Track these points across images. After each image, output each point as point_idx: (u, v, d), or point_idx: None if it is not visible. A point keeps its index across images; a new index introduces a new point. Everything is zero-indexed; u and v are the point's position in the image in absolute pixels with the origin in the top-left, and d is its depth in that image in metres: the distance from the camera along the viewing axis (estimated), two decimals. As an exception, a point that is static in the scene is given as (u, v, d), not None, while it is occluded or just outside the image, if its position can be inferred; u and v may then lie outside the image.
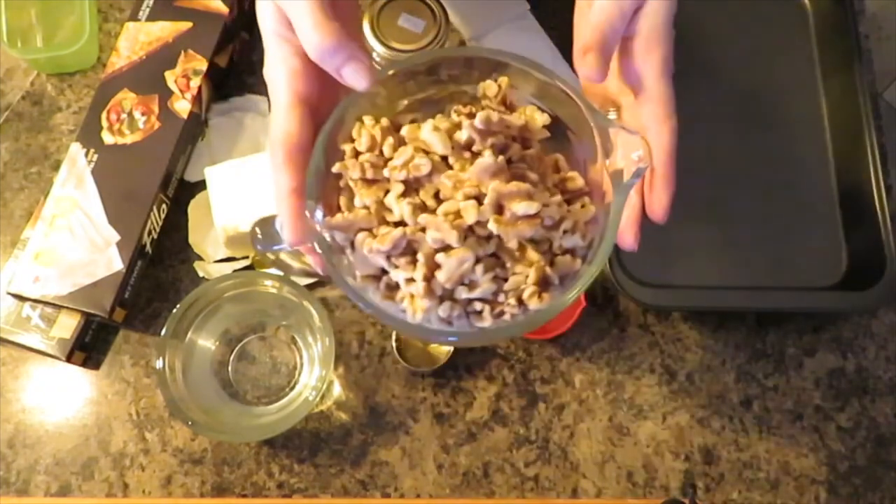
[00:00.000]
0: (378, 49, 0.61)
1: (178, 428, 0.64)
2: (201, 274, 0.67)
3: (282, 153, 0.41)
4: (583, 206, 0.42)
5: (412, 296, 0.40)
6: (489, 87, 0.42)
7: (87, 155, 0.64)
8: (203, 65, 0.67)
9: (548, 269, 0.40)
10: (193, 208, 0.68)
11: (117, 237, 0.62)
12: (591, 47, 0.41)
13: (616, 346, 0.67)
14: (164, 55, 0.67)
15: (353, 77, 0.40)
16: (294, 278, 0.60)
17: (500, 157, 0.39)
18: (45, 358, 0.63)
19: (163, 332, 0.59)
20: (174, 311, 0.60)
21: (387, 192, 0.41)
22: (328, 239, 0.41)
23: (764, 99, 0.74)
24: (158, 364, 0.59)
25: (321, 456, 0.63)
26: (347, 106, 0.42)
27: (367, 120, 0.42)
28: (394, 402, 0.65)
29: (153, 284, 0.67)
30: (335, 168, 0.41)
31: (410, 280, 0.39)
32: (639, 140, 0.40)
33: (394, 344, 0.64)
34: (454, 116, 0.41)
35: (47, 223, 0.63)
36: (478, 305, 0.40)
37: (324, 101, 0.43)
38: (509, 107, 0.43)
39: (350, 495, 0.63)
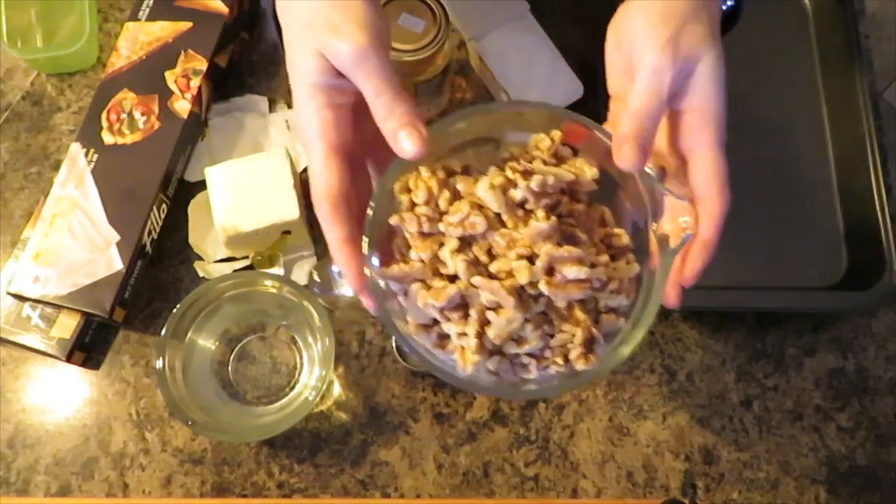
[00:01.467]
0: (378, 49, 0.61)
1: (178, 428, 0.64)
2: (201, 274, 0.67)
3: (327, 206, 0.41)
4: (627, 263, 0.43)
5: (463, 349, 0.41)
6: (542, 140, 0.43)
7: (87, 155, 0.64)
8: (203, 65, 0.67)
9: (594, 330, 0.41)
10: (193, 208, 0.68)
11: (117, 237, 0.62)
12: (627, 139, 0.40)
13: (616, 346, 0.67)
14: (164, 55, 0.67)
15: (406, 142, 0.40)
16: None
17: (553, 219, 0.40)
18: (45, 358, 0.63)
19: (163, 331, 0.59)
20: (174, 311, 0.60)
21: (441, 244, 0.42)
22: (382, 285, 0.42)
23: (764, 99, 0.74)
24: (158, 364, 0.59)
25: (321, 456, 0.63)
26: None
27: (424, 171, 0.42)
28: (394, 402, 0.65)
29: (153, 284, 0.67)
30: (392, 220, 0.42)
31: (462, 334, 0.41)
32: (687, 206, 0.41)
33: (394, 344, 0.64)
34: (508, 172, 0.42)
35: (47, 223, 0.63)
36: (525, 359, 0.42)
37: (356, 144, 0.43)
38: (559, 159, 0.43)
39: (350, 495, 0.63)
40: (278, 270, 0.65)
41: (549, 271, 0.40)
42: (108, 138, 0.65)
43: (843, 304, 0.66)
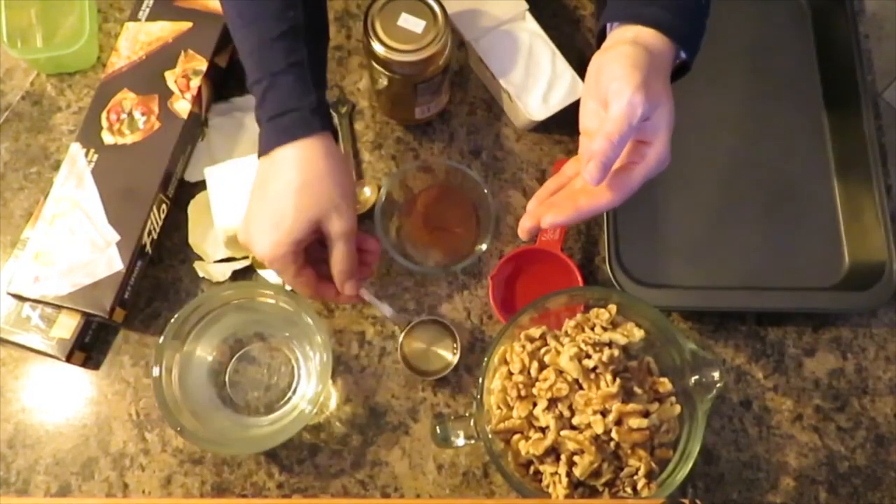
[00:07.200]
0: (378, 49, 0.61)
1: (178, 428, 0.64)
2: (201, 274, 0.66)
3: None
4: (671, 405, 0.56)
5: (555, 483, 0.55)
6: (602, 314, 0.58)
7: (87, 155, 0.64)
8: (203, 65, 0.67)
9: (653, 465, 0.54)
10: (193, 208, 0.68)
11: (117, 237, 0.62)
12: (595, 155, 0.47)
13: (616, 346, 0.67)
14: (164, 55, 0.67)
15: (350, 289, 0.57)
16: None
17: (618, 382, 0.54)
18: (45, 358, 0.63)
19: (161, 338, 0.58)
20: (174, 317, 0.58)
21: (534, 404, 0.55)
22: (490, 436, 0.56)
23: (764, 99, 0.74)
24: (155, 371, 0.57)
25: (321, 456, 0.63)
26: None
27: (517, 346, 0.57)
28: (394, 403, 0.65)
29: (153, 284, 0.67)
30: (497, 386, 0.57)
31: (554, 473, 0.55)
32: (717, 364, 0.55)
33: (398, 346, 0.64)
34: (581, 345, 0.55)
35: (47, 223, 0.63)
36: (599, 487, 0.55)
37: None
38: (614, 324, 0.57)
39: (350, 495, 0.63)
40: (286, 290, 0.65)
41: (618, 422, 0.54)
42: (108, 138, 0.65)
43: (843, 304, 0.66)
